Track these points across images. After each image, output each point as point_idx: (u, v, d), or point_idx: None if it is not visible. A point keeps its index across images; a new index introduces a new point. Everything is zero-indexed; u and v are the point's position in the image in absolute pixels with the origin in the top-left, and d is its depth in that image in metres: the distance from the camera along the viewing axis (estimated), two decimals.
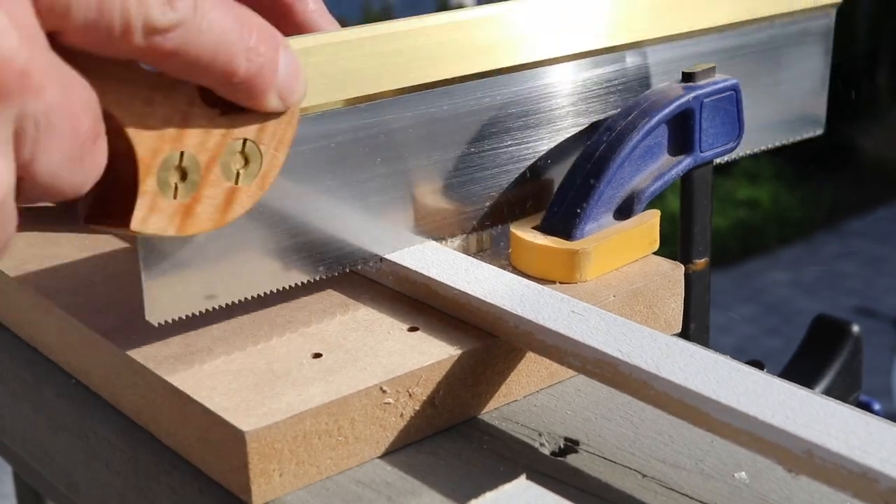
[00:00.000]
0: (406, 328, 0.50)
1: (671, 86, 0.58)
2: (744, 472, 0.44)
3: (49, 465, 0.56)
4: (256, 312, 0.51)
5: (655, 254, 0.58)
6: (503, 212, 0.58)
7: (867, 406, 0.70)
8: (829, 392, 0.66)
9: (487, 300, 0.49)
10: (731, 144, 0.60)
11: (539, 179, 0.58)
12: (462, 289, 0.50)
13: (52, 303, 0.53)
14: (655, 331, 0.46)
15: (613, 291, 0.54)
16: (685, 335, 0.58)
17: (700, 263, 0.60)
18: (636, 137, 0.56)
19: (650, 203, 0.58)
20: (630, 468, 0.45)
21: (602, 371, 0.45)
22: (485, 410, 0.49)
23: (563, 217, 0.55)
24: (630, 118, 0.56)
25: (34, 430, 0.56)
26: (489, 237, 0.58)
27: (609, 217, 0.57)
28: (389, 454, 0.46)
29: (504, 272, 0.52)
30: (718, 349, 0.51)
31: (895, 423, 0.41)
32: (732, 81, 0.59)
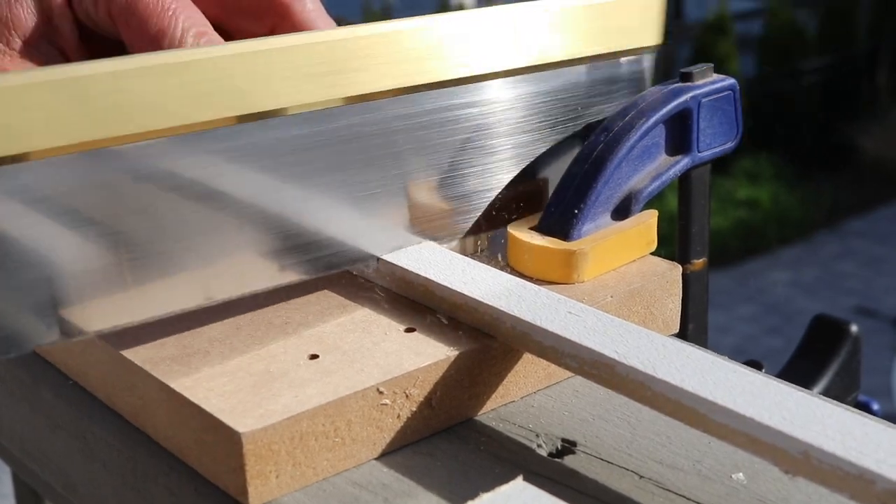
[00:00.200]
0: (403, 329, 0.50)
1: (669, 85, 0.58)
2: (741, 474, 0.44)
3: (46, 466, 0.56)
4: (253, 313, 0.51)
5: (653, 254, 0.58)
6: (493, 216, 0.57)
7: (866, 406, 0.69)
8: (828, 392, 0.65)
9: (484, 301, 0.49)
10: (730, 144, 0.60)
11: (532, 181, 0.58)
12: (459, 289, 0.50)
13: None
14: (652, 332, 0.46)
15: (611, 292, 0.53)
16: (683, 335, 0.58)
17: (698, 263, 0.60)
18: (634, 137, 0.56)
19: (648, 203, 0.58)
20: (627, 469, 0.45)
21: (599, 372, 0.45)
22: (482, 411, 0.49)
23: (561, 217, 0.55)
24: (627, 118, 0.56)
25: (31, 431, 0.56)
26: (486, 237, 0.58)
27: (606, 217, 0.56)
28: (386, 455, 0.46)
29: (501, 273, 0.52)
30: (718, 349, 0.51)
31: (892, 425, 0.41)
32: (730, 81, 0.59)
